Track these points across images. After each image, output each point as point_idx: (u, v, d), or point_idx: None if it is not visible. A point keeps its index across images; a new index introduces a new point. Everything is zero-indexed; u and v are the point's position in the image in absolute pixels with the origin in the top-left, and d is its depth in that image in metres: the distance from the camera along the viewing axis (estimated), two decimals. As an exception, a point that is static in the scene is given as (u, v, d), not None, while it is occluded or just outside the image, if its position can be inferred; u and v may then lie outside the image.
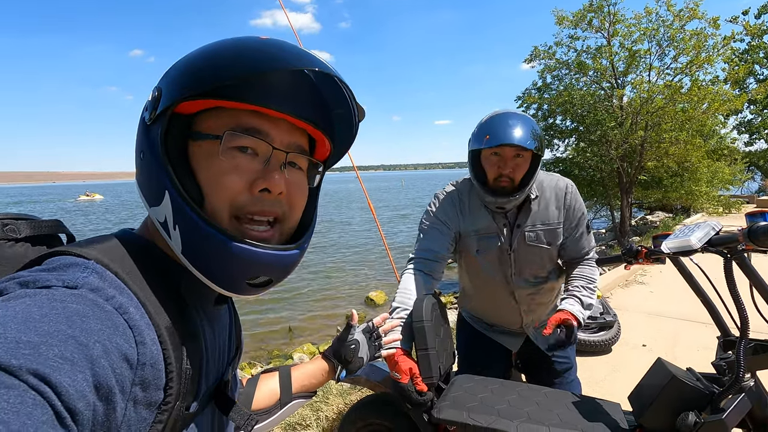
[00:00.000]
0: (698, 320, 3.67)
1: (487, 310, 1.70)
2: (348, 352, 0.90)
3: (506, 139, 1.31)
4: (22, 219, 0.51)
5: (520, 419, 1.20)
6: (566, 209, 1.48)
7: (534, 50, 10.50)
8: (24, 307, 0.34)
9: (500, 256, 1.50)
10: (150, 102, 0.48)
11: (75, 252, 0.42)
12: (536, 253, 1.49)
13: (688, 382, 1.11)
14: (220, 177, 0.47)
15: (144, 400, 0.40)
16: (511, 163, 1.35)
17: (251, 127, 0.48)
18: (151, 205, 0.48)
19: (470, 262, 1.58)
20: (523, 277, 1.53)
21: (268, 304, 7.60)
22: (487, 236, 1.49)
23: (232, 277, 0.47)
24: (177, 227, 0.45)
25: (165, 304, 0.44)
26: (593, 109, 9.66)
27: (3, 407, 0.28)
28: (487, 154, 1.38)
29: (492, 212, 1.47)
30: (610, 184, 10.66)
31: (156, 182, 0.46)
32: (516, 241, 1.48)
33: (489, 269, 1.54)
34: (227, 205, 0.47)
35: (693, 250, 1.08)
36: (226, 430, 0.60)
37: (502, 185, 1.37)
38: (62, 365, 0.32)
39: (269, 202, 0.49)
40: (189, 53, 0.49)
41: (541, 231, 1.47)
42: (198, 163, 0.48)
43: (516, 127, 1.32)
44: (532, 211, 1.47)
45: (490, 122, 1.38)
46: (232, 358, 0.62)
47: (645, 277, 5.32)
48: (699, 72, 8.99)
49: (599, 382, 2.83)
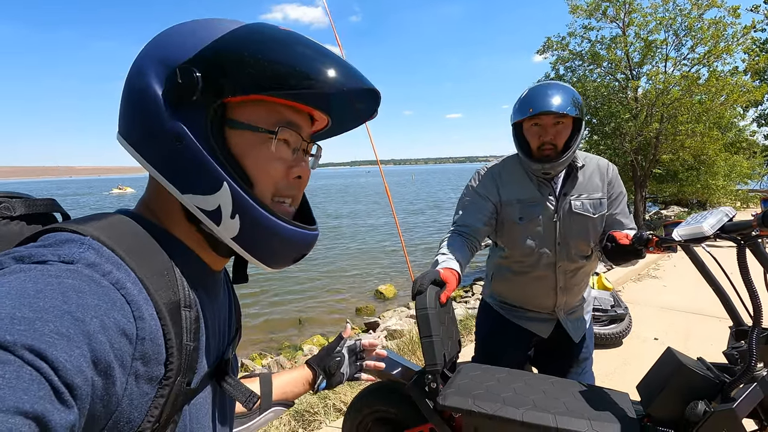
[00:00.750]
0: (711, 314, 3.61)
1: (522, 290, 1.65)
2: (333, 364, 0.93)
3: (544, 106, 1.38)
4: (17, 197, 0.51)
5: (525, 407, 1.19)
6: (608, 184, 1.53)
7: (547, 41, 10.34)
8: (19, 283, 0.34)
9: (546, 223, 1.51)
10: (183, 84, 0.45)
11: (71, 228, 0.42)
12: (582, 222, 1.51)
13: (697, 370, 1.09)
14: (268, 165, 0.50)
15: (146, 374, 0.40)
16: (551, 131, 1.41)
17: (292, 121, 0.51)
18: (189, 193, 0.47)
19: (512, 233, 1.56)
20: (567, 249, 1.53)
21: (278, 296, 7.68)
22: (531, 204, 1.51)
23: (284, 257, 0.52)
24: (237, 216, 0.47)
25: (162, 280, 0.44)
26: (607, 101, 9.50)
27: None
28: (528, 126, 1.44)
29: (538, 183, 1.51)
30: (624, 177, 10.48)
31: (205, 172, 0.46)
32: (563, 209, 1.50)
33: (533, 239, 1.53)
34: (270, 190, 0.51)
35: (705, 236, 1.06)
36: (228, 407, 0.60)
37: (546, 153, 1.43)
38: (58, 341, 0.31)
39: (297, 186, 0.54)
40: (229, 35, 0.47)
41: (587, 201, 1.51)
42: (243, 152, 0.48)
43: (554, 95, 1.39)
44: (578, 181, 1.51)
45: (529, 94, 1.44)
46: (231, 338, 0.62)
47: (658, 272, 5.25)
48: (717, 62, 8.76)
49: (609, 375, 2.81)
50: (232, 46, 0.46)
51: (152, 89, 0.47)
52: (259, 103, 0.49)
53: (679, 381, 1.09)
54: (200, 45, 0.46)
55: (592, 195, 1.52)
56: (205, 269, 0.53)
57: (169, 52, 0.47)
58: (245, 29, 0.48)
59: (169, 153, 0.47)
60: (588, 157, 1.56)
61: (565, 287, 1.58)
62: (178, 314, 0.44)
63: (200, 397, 0.51)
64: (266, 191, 0.50)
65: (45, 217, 0.53)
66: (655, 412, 1.14)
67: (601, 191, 1.52)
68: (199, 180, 0.46)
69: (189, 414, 0.48)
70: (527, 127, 1.45)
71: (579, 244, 1.53)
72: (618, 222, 1.54)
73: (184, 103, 0.46)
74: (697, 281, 1.32)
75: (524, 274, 1.61)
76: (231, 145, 0.48)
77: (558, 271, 1.55)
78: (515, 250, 1.58)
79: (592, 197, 1.51)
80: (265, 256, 0.51)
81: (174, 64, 0.46)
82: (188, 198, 0.47)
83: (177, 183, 0.47)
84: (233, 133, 0.48)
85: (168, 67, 0.46)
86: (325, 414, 2.40)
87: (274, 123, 0.49)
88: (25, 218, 0.50)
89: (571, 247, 1.52)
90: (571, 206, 1.50)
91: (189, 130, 0.46)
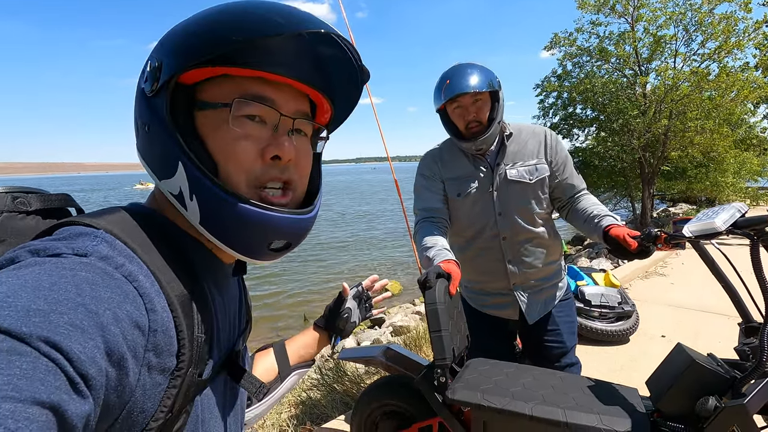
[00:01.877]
0: (720, 312, 3.58)
1: (471, 266, 1.67)
2: (341, 320, 0.92)
3: (459, 89, 1.45)
4: (32, 192, 0.52)
5: (534, 401, 1.20)
6: (548, 148, 1.58)
7: (554, 37, 10.25)
8: (34, 276, 0.34)
9: (483, 196, 1.57)
10: (150, 73, 0.47)
11: (85, 222, 0.43)
12: (521, 190, 1.55)
13: (708, 366, 1.09)
14: (232, 145, 0.47)
15: (158, 365, 0.40)
16: (472, 109, 1.48)
17: (258, 94, 0.48)
18: (162, 178, 0.48)
19: (454, 209, 1.62)
20: (509, 219, 1.56)
21: (282, 286, 7.73)
22: (467, 179, 1.59)
23: (253, 243, 0.48)
24: (194, 197, 0.46)
25: (174, 273, 0.45)
26: (615, 97, 9.40)
27: (15, 373, 0.28)
28: (451, 109, 1.53)
29: (473, 159, 1.59)
30: (632, 174, 10.40)
31: (167, 155, 0.46)
32: (498, 179, 1.56)
33: (472, 211, 1.59)
34: (243, 174, 0.48)
35: (717, 232, 1.05)
36: (238, 398, 0.61)
37: (473, 131, 1.50)
38: (72, 332, 0.32)
39: (280, 168, 0.50)
40: (185, 20, 0.48)
41: (522, 168, 1.56)
42: (207, 133, 0.48)
43: (465, 76, 1.47)
44: (509, 150, 1.57)
45: (442, 81, 1.52)
46: (242, 330, 0.63)
47: (665, 269, 5.21)
48: (728, 58, 8.65)
49: (616, 372, 2.80)
50: (179, 28, 0.48)
51: (139, 86, 0.49)
52: (223, 79, 0.48)
53: (690, 376, 1.09)
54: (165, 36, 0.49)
55: (527, 162, 1.56)
56: (216, 262, 0.53)
57: (153, 50, 0.50)
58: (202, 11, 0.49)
59: (144, 141, 0.49)
60: (520, 125, 1.62)
61: (514, 260, 1.59)
62: (189, 306, 0.45)
63: (211, 388, 0.51)
64: (236, 174, 0.47)
65: (60, 212, 0.54)
66: (664, 407, 1.14)
67: (537, 157, 1.57)
68: (163, 163, 0.47)
69: (201, 404, 0.48)
70: (451, 111, 1.53)
71: (521, 212, 1.56)
72: (570, 186, 1.58)
73: (152, 91, 0.47)
74: (706, 279, 1.31)
75: (469, 248, 1.64)
76: (198, 127, 0.48)
77: (504, 244, 1.57)
78: (458, 225, 1.64)
79: (527, 164, 1.56)
80: (234, 243, 0.48)
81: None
82: (163, 183, 0.48)
83: (154, 170, 0.49)
84: (200, 115, 0.48)
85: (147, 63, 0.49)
86: (332, 407, 2.42)
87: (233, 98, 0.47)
88: (41, 213, 0.51)
89: (513, 216, 1.56)
90: (506, 175, 1.55)
91: (155, 115, 0.47)
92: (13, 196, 0.50)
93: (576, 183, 1.60)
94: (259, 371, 0.82)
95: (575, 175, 1.61)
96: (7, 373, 0.28)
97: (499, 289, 1.64)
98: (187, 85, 0.48)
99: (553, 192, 1.60)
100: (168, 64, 0.46)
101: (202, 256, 0.51)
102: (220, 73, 0.48)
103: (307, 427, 2.28)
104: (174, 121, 0.46)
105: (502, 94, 1.52)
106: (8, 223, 0.48)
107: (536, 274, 1.62)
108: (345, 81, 0.56)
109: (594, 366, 2.84)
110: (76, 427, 0.31)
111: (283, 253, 0.51)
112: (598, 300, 3.32)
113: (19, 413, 0.27)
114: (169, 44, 0.47)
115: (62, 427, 0.30)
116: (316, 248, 12.01)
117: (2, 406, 0.27)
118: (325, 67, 0.53)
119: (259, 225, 0.47)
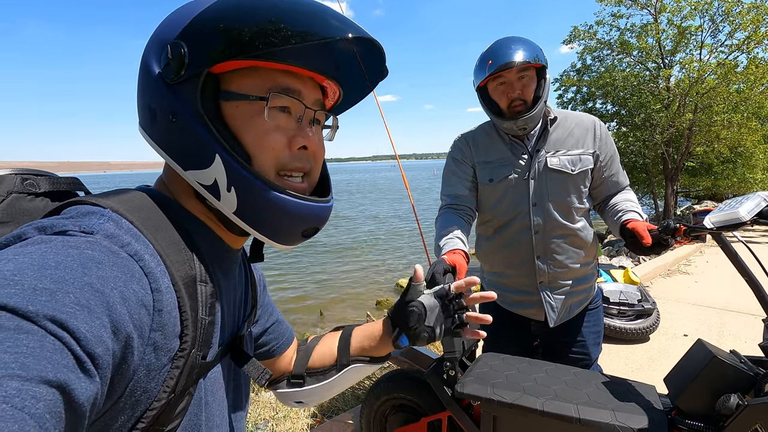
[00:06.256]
0: (746, 311, 3.45)
1: (498, 256, 1.56)
2: (410, 316, 0.71)
3: (505, 59, 1.34)
4: (42, 175, 0.52)
5: (546, 396, 1.17)
6: (597, 139, 1.46)
7: (573, 30, 10.02)
8: (40, 253, 0.34)
9: (518, 183, 1.45)
10: (173, 59, 0.46)
11: (92, 201, 0.43)
12: (561, 180, 1.43)
13: (731, 363, 1.04)
14: (265, 136, 0.48)
15: (163, 346, 0.40)
16: (518, 85, 1.37)
17: (288, 87, 0.49)
18: (189, 169, 0.47)
19: (484, 195, 1.52)
20: (544, 210, 1.44)
21: (296, 283, 7.79)
22: (502, 165, 1.48)
23: (290, 231, 0.50)
24: (233, 189, 0.46)
25: (180, 255, 0.45)
26: (637, 91, 9.14)
27: (23, 351, 0.28)
28: (493, 86, 1.41)
29: (510, 142, 1.47)
30: (654, 170, 10.11)
31: (200, 146, 0.46)
32: (536, 167, 1.44)
33: (504, 199, 1.47)
34: (273, 164, 0.49)
35: (741, 222, 1.00)
36: (242, 382, 0.61)
37: (516, 110, 1.38)
38: (79, 311, 0.32)
39: (305, 158, 0.51)
40: (213, 5, 0.47)
41: (565, 157, 1.44)
42: (238, 124, 0.48)
43: (511, 48, 1.35)
44: (552, 136, 1.45)
45: (486, 53, 1.41)
46: (247, 315, 0.63)
47: (689, 267, 5.05)
48: (758, 49, 8.29)
49: (636, 371, 2.73)
50: (213, 15, 0.46)
51: (152, 70, 0.48)
52: (253, 71, 0.48)
53: (711, 373, 1.05)
54: (187, 20, 0.47)
55: (571, 151, 1.44)
56: (223, 246, 0.53)
57: (164, 32, 0.48)
58: None
59: (168, 130, 0.48)
60: (566, 112, 1.50)
61: (544, 256, 1.46)
62: (194, 288, 0.45)
63: (215, 371, 0.51)
64: (267, 164, 0.48)
65: (68, 195, 0.54)
66: (683, 404, 1.10)
67: (582, 147, 1.44)
68: (195, 154, 0.47)
69: (204, 387, 0.48)
70: (492, 88, 1.41)
71: (558, 204, 1.43)
72: (615, 183, 1.48)
73: (177, 78, 0.46)
74: (732, 277, 1.25)
75: (496, 238, 1.53)
76: (227, 117, 0.48)
77: (535, 237, 1.45)
78: (487, 213, 1.54)
79: (570, 153, 1.44)
80: (269, 231, 0.50)
81: (167, 43, 0.47)
82: (190, 174, 0.48)
83: (179, 160, 0.48)
84: (228, 105, 0.48)
85: (163, 47, 0.47)
86: (343, 400, 2.43)
87: (266, 90, 0.48)
88: (50, 195, 0.52)
89: (549, 208, 1.43)
90: (547, 163, 1.43)
91: (182, 105, 0.46)
92: (23, 177, 0.50)
93: (621, 180, 1.48)
94: (319, 351, 0.78)
95: (621, 171, 1.49)
96: (14, 351, 0.28)
97: (523, 286, 1.52)
98: (213, 75, 0.47)
99: (597, 188, 1.49)
100: (200, 53, 0.45)
101: (210, 240, 0.51)
102: (250, 65, 0.48)
103: (317, 420, 2.29)
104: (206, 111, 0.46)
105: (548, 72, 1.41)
106: (17, 203, 0.49)
107: (566, 275, 1.48)
108: (364, 78, 0.58)
109: (612, 365, 2.78)
110: (82, 406, 0.31)
111: (310, 237, 0.54)
112: (617, 297, 3.24)
113: (26, 391, 0.27)
114: (202, 32, 0.46)
115: (69, 405, 0.29)
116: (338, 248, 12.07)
117: (9, 384, 0.26)
118: (351, 64, 0.55)
119: (297, 214, 0.49)
